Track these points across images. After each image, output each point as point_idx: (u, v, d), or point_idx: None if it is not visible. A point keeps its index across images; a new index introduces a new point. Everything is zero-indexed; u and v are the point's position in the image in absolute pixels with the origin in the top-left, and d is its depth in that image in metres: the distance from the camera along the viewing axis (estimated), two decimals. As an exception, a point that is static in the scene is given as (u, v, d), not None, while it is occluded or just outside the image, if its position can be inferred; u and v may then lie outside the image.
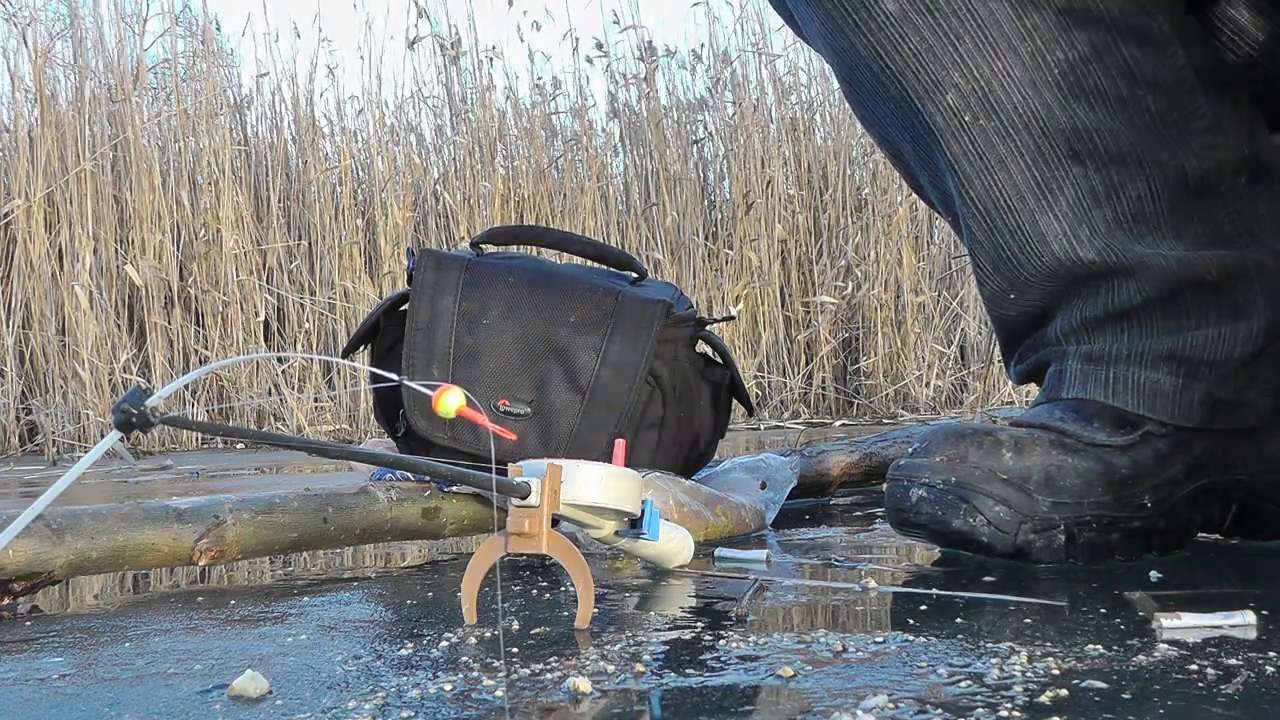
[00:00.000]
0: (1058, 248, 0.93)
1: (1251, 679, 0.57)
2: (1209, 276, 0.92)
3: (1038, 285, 0.94)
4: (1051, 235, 0.93)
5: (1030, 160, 0.92)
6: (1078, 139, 0.91)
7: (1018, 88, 0.91)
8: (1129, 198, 0.92)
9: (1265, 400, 0.94)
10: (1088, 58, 0.91)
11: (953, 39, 0.92)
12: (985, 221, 0.94)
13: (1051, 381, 0.96)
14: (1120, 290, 0.92)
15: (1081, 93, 0.91)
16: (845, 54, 0.96)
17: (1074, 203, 0.92)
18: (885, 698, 0.56)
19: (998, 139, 0.92)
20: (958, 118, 0.92)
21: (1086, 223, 0.92)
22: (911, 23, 0.92)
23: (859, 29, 0.94)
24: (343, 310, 4.27)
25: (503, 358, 1.20)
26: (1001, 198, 0.93)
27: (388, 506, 1.07)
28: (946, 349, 4.16)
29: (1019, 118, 0.92)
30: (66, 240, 4.03)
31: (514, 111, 4.72)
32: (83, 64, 4.26)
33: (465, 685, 0.61)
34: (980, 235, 0.95)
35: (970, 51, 0.91)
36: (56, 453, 3.67)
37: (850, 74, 0.97)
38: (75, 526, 0.92)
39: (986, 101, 0.92)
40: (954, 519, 0.89)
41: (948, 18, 0.91)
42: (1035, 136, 0.92)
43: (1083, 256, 0.92)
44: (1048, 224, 0.92)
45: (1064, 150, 0.92)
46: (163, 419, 0.61)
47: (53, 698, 0.63)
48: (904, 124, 0.96)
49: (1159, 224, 0.92)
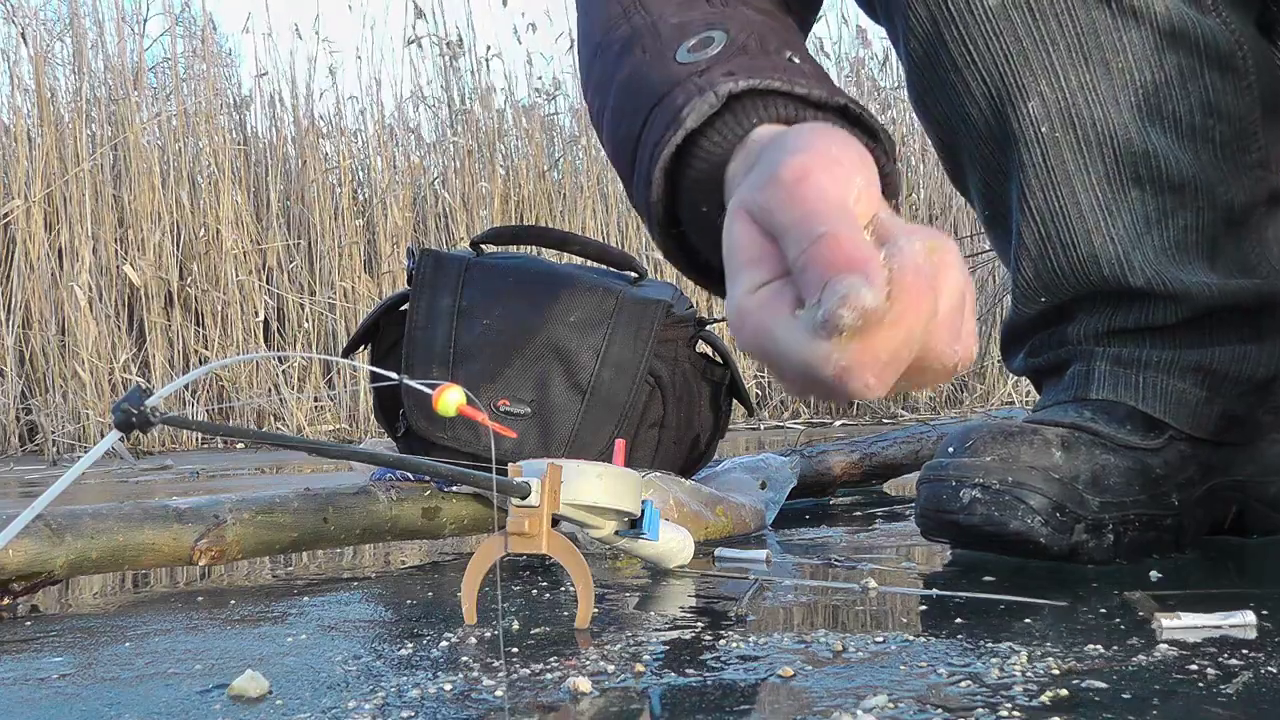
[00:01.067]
0: (1108, 271, 0.92)
1: (1251, 679, 0.57)
2: (1241, 304, 0.93)
3: (1073, 295, 0.94)
4: (1104, 258, 0.92)
5: (1096, 179, 0.91)
6: (1144, 163, 0.91)
7: (1100, 104, 0.90)
8: (1176, 226, 0.92)
9: (1269, 418, 0.96)
10: (1172, 81, 0.90)
11: (1048, 43, 0.90)
12: (1039, 232, 0.93)
13: (1077, 381, 0.95)
14: (1157, 310, 0.92)
15: (1158, 117, 0.91)
16: (928, 39, 0.94)
17: (1129, 226, 0.92)
18: (885, 698, 0.56)
19: (1070, 154, 0.91)
20: (1036, 128, 0.91)
21: (1139, 248, 0.91)
22: (1010, 20, 0.91)
23: (953, 18, 0.92)
24: (342, 310, 4.27)
25: (503, 358, 1.20)
26: (1061, 213, 0.92)
27: (388, 506, 1.07)
28: (946, 349, 4.15)
29: (1095, 135, 0.91)
30: (66, 240, 4.03)
31: (513, 111, 4.72)
32: (82, 64, 4.26)
33: (465, 685, 0.61)
34: (1030, 243, 0.94)
35: (1062, 59, 0.90)
36: (56, 453, 3.67)
37: (927, 59, 0.95)
38: (75, 526, 0.92)
39: (1067, 114, 0.91)
40: (1011, 520, 0.87)
41: (1048, 20, 0.90)
42: (1106, 156, 0.91)
43: (1131, 283, 0.92)
44: (1102, 245, 0.92)
45: (1130, 173, 0.91)
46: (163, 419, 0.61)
47: (53, 698, 0.63)
48: (972, 120, 0.95)
49: (1198, 253, 0.92)
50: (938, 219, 4.48)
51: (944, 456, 0.92)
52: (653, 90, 0.74)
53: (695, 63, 0.72)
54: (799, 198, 0.54)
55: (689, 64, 0.73)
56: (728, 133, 0.68)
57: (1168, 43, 0.90)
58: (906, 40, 0.96)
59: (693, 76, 0.71)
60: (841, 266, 0.51)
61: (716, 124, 0.68)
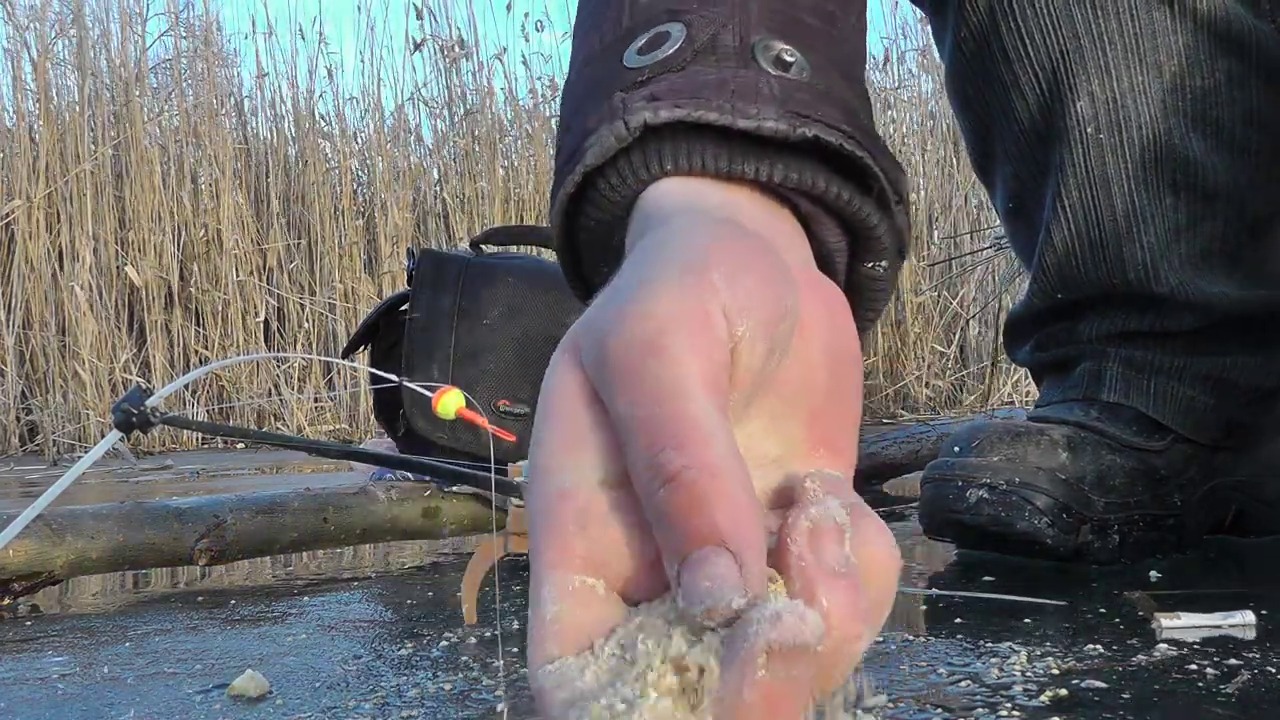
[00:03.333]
0: (1134, 276, 0.92)
1: (1251, 679, 0.57)
2: (1256, 313, 0.93)
3: (1092, 294, 0.94)
4: (1131, 265, 0.92)
5: (1133, 184, 0.91)
6: (1181, 170, 0.91)
7: (1148, 107, 0.90)
8: (1202, 234, 0.92)
9: (1269, 424, 0.96)
10: (1220, 88, 0.90)
11: (1105, 42, 0.90)
12: (1070, 231, 0.93)
13: (1087, 380, 0.95)
14: (1173, 316, 0.92)
15: (1202, 123, 0.90)
16: (981, 30, 0.93)
17: (1160, 234, 0.91)
18: (885, 698, 0.56)
19: (1111, 156, 0.91)
20: (1081, 128, 0.91)
21: (1166, 257, 0.91)
22: (1070, 16, 0.90)
23: (1011, 11, 0.91)
24: (343, 310, 4.27)
25: (502, 358, 1.20)
26: (1094, 214, 0.92)
27: (388, 506, 1.07)
28: (946, 349, 4.16)
29: (1139, 139, 0.90)
30: (67, 240, 4.03)
31: (514, 112, 4.72)
32: (84, 64, 4.26)
33: (465, 685, 0.61)
34: (1058, 241, 0.94)
35: (1117, 59, 0.90)
36: (56, 453, 3.67)
37: (978, 50, 0.94)
38: (75, 526, 0.92)
39: (1114, 115, 0.90)
40: (1019, 521, 0.87)
41: (1109, 19, 0.90)
42: (1146, 161, 0.91)
43: (1155, 290, 0.92)
44: (1130, 252, 0.92)
45: (1166, 179, 0.91)
46: (163, 419, 0.62)
47: (53, 697, 0.63)
48: (1015, 114, 0.94)
49: (1221, 261, 0.92)
50: (938, 219, 4.48)
51: (949, 456, 0.92)
52: (583, 94, 0.53)
53: (636, 70, 0.51)
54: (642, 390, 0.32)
55: (631, 70, 0.52)
56: (629, 177, 0.46)
57: (1221, 47, 0.90)
58: (957, 29, 0.95)
59: (620, 92, 0.50)
60: (703, 535, 0.30)
61: (619, 163, 0.46)
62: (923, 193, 4.57)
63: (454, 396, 0.64)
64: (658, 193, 0.45)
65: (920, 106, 4.72)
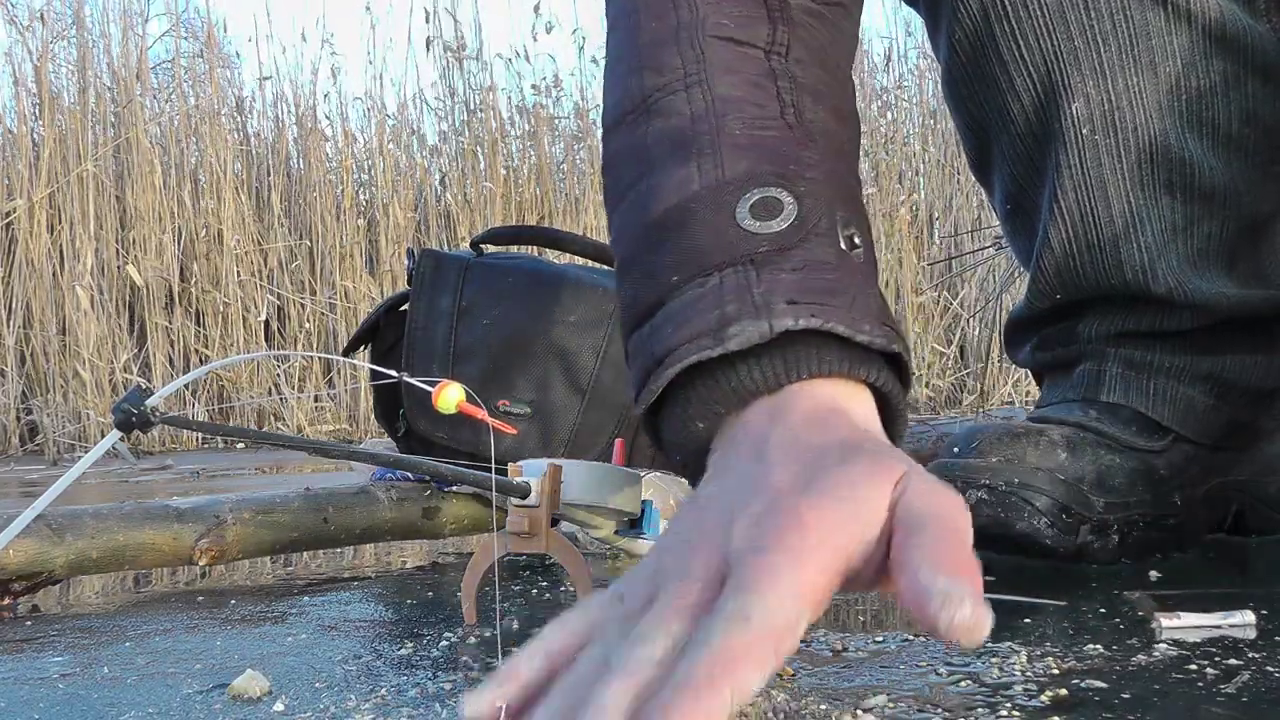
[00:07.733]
0: (1131, 277, 0.92)
1: (1251, 679, 0.57)
2: (1256, 313, 0.93)
3: (1091, 296, 0.94)
4: (1129, 266, 0.92)
5: (1130, 185, 0.91)
6: (1178, 170, 0.91)
7: (1144, 108, 0.90)
8: (1200, 234, 0.92)
9: (1272, 424, 0.96)
10: (1216, 88, 0.90)
11: (1099, 43, 0.90)
12: (1067, 233, 0.93)
13: (1087, 380, 0.95)
14: (1173, 316, 0.92)
15: (1198, 124, 0.90)
16: (975, 31, 0.93)
17: (1157, 235, 0.91)
18: (885, 698, 0.56)
19: (1107, 158, 0.91)
20: (1077, 129, 0.91)
21: (1164, 257, 0.91)
22: (1064, 18, 0.90)
23: (1005, 13, 0.91)
24: (343, 310, 4.28)
25: (502, 358, 1.20)
26: (1091, 216, 0.92)
27: (388, 506, 1.07)
28: (946, 349, 4.16)
29: (1135, 140, 0.90)
30: (67, 240, 4.03)
31: (515, 111, 4.72)
32: (85, 64, 4.26)
33: (465, 685, 0.61)
34: (1055, 243, 0.94)
35: (1112, 60, 0.90)
36: (56, 453, 3.67)
37: (972, 51, 0.94)
38: (75, 526, 0.92)
39: (1110, 117, 0.90)
40: (1018, 521, 0.87)
41: (1103, 20, 0.90)
42: (1143, 162, 0.91)
43: (1153, 291, 0.92)
44: (1128, 253, 0.92)
45: (1163, 180, 0.91)
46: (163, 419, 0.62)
47: (53, 697, 0.63)
48: (1011, 116, 0.94)
49: (1219, 261, 0.92)
50: (938, 219, 4.48)
51: (949, 457, 0.92)
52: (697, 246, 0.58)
53: (755, 237, 0.57)
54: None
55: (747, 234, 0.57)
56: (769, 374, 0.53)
57: (1216, 48, 0.90)
58: (951, 31, 0.95)
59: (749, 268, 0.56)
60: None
61: (763, 358, 0.54)
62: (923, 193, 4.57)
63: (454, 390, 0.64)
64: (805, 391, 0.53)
65: (921, 106, 4.72)
